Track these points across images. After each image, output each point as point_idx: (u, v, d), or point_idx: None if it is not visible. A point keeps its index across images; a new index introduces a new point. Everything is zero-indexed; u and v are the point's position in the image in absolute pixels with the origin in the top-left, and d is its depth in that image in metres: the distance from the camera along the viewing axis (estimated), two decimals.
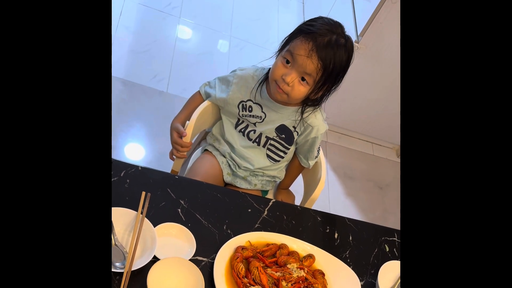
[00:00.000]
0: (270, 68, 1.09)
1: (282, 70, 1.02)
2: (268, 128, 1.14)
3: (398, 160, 2.27)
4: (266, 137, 1.15)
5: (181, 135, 1.11)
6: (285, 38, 1.05)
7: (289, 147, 1.17)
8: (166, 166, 1.73)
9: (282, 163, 1.22)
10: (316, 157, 1.20)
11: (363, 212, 1.99)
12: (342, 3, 2.08)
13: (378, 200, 2.07)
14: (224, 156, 1.20)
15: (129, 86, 1.90)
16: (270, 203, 1.02)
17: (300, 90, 1.02)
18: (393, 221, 2.00)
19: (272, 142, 1.16)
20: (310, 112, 1.11)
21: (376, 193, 2.10)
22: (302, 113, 1.10)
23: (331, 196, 1.99)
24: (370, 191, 2.09)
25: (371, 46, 1.81)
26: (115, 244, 0.81)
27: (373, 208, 2.04)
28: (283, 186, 1.30)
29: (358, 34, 1.79)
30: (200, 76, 2.08)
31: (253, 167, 1.18)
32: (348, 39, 1.02)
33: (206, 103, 1.18)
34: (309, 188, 1.25)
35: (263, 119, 1.13)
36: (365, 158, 2.21)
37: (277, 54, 1.07)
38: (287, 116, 1.12)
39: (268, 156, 1.18)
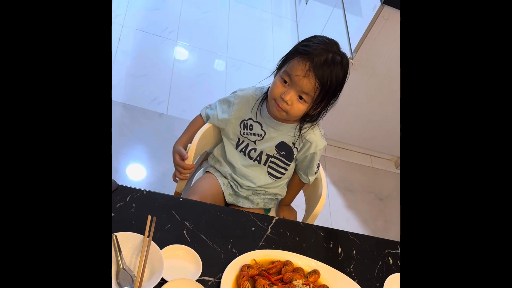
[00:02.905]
0: (269, 87, 1.12)
1: (280, 89, 1.05)
2: (268, 146, 1.17)
3: (397, 171, 2.29)
4: (267, 155, 1.18)
5: (183, 158, 1.14)
6: (282, 58, 1.09)
7: (290, 163, 1.20)
8: (169, 186, 1.76)
9: (283, 180, 1.24)
10: (316, 172, 1.23)
11: (365, 224, 2.00)
12: (335, 21, 2.14)
13: (379, 211, 2.09)
14: (226, 177, 1.22)
15: (129, 110, 1.93)
16: (273, 221, 1.04)
17: (299, 108, 1.06)
18: (395, 231, 2.01)
19: (273, 159, 1.19)
20: (308, 128, 1.14)
21: (377, 204, 2.11)
22: (301, 129, 1.13)
23: (332, 209, 2.00)
24: (370, 203, 2.11)
25: (365, 61, 1.85)
26: (123, 268, 0.82)
27: (375, 219, 2.05)
28: (285, 202, 1.32)
29: (352, 50, 1.84)
30: (198, 97, 2.12)
31: (255, 185, 1.20)
32: (343, 56, 1.05)
33: (207, 125, 1.20)
34: (311, 204, 1.27)
35: (263, 137, 1.16)
36: (364, 170, 2.23)
37: (275, 73, 1.10)
38: (286, 133, 1.15)
39: (269, 173, 1.21)
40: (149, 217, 0.89)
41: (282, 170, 1.21)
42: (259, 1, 2.80)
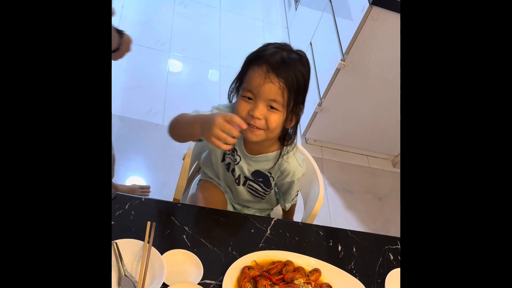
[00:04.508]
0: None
1: (246, 106, 0.94)
2: (245, 169, 1.09)
3: (395, 170, 2.30)
4: (245, 177, 1.10)
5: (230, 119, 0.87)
6: (234, 79, 1.00)
7: (268, 190, 1.13)
8: (167, 195, 1.75)
9: (266, 197, 1.18)
10: (293, 199, 1.17)
11: (365, 224, 2.01)
12: (325, 24, 2.16)
13: (378, 211, 2.10)
14: (221, 186, 1.20)
15: (126, 122, 1.95)
16: (272, 222, 1.05)
17: (275, 118, 0.94)
18: (395, 230, 2.01)
19: (251, 183, 1.12)
20: (284, 156, 1.05)
21: (376, 204, 2.12)
22: (279, 156, 1.05)
23: (331, 211, 2.01)
24: (369, 203, 2.11)
25: (357, 63, 1.87)
26: (125, 275, 0.83)
27: (374, 219, 2.06)
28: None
29: (344, 52, 1.86)
30: (194, 106, 2.11)
31: (243, 202, 1.18)
32: (300, 52, 0.96)
33: None
34: (309, 205, 1.27)
35: (238, 162, 1.08)
36: (361, 171, 2.24)
37: (234, 92, 1.01)
38: (261, 165, 1.07)
39: (249, 193, 1.15)
40: (149, 223, 0.90)
41: (262, 194, 1.14)
42: (250, 9, 2.84)
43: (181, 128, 1.00)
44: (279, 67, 0.91)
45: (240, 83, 0.98)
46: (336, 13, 2.04)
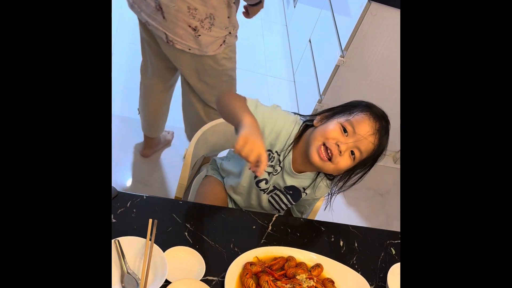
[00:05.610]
0: (305, 124, 1.03)
1: (339, 135, 0.96)
2: (280, 182, 1.08)
3: (396, 166, 2.30)
4: (274, 186, 1.10)
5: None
6: (340, 106, 1.04)
7: (293, 203, 1.14)
8: (169, 194, 1.76)
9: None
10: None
11: (367, 220, 2.01)
12: (324, 21, 2.16)
13: (380, 207, 2.10)
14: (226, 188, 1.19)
15: (126, 122, 1.95)
16: (274, 218, 1.05)
17: (348, 163, 0.98)
18: (397, 226, 2.01)
19: (278, 192, 1.11)
20: (323, 181, 1.10)
21: (378, 200, 2.12)
22: (316, 177, 1.08)
23: (333, 207, 2.00)
24: (371, 199, 2.11)
25: (356, 59, 1.87)
26: (127, 272, 0.83)
27: (376, 215, 2.06)
28: None
29: (343, 48, 1.86)
30: None
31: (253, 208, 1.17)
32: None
33: (206, 127, 1.21)
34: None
35: (277, 173, 1.07)
36: None
37: (326, 113, 1.03)
38: (299, 182, 1.08)
39: (269, 201, 1.13)
40: (150, 220, 0.90)
41: (283, 206, 1.14)
42: None
43: (226, 113, 0.96)
44: (384, 133, 0.99)
45: (342, 111, 1.02)
46: (335, 9, 2.04)
